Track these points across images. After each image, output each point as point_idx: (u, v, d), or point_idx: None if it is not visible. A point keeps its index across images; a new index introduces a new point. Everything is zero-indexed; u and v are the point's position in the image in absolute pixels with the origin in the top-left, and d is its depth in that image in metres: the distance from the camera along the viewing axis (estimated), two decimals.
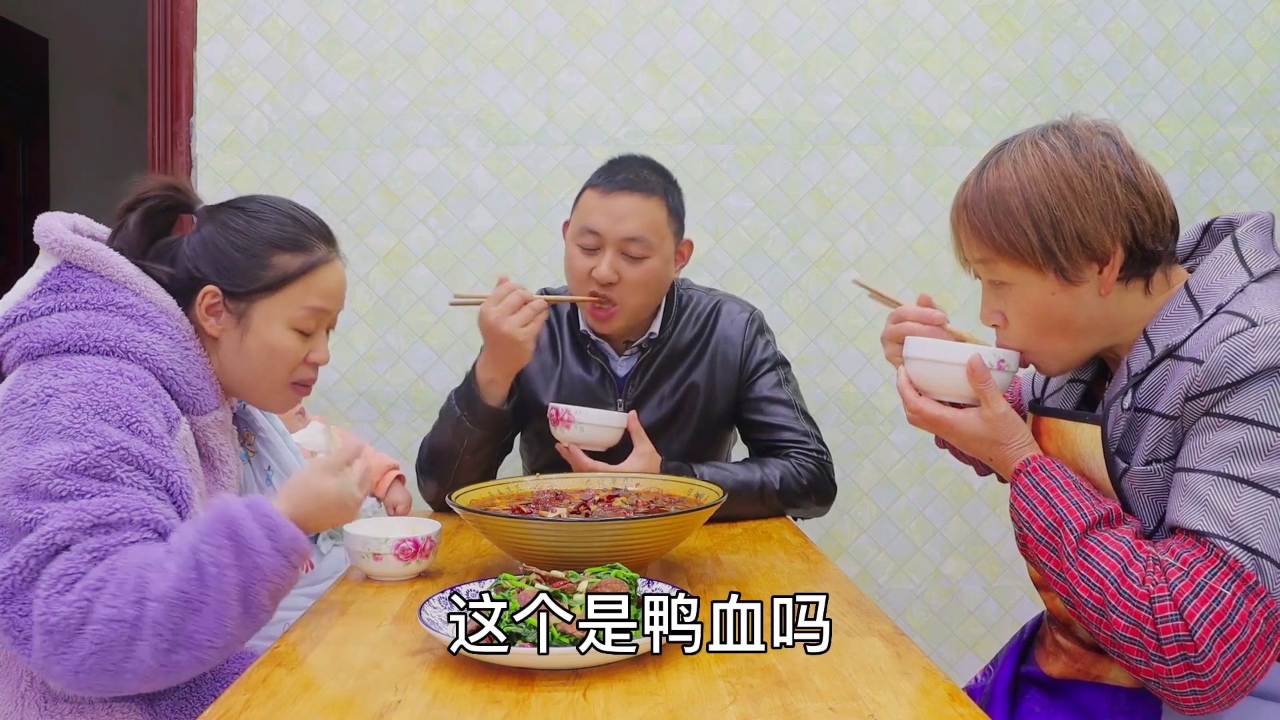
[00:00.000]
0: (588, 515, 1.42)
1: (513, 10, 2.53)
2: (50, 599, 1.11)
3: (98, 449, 1.18)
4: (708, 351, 1.94)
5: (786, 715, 0.94)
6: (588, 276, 1.83)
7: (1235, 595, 1.03)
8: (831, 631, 1.06)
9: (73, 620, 1.10)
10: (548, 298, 1.79)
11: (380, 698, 0.99)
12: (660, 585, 1.22)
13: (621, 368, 1.95)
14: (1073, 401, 1.33)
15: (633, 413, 1.81)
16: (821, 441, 1.93)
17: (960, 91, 2.57)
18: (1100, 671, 1.26)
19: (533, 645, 1.03)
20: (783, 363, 1.99)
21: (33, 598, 1.12)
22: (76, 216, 1.41)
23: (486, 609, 1.08)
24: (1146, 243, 1.17)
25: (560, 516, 1.40)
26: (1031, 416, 1.31)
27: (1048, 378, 1.41)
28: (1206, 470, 1.08)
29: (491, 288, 1.74)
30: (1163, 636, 1.04)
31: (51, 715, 1.23)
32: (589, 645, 1.00)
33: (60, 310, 1.31)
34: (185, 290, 1.39)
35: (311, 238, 1.43)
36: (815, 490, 1.87)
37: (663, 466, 1.79)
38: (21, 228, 4.20)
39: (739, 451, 2.04)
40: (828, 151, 2.56)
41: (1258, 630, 1.03)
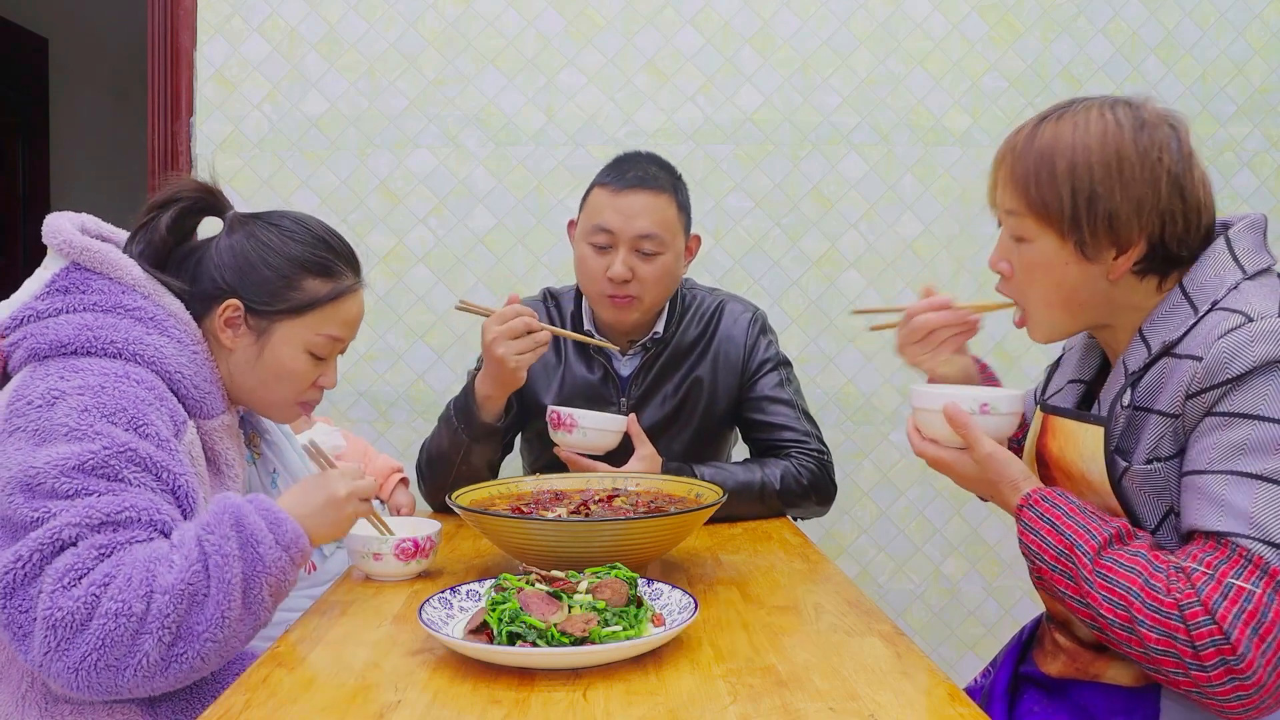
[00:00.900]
0: (588, 515, 1.42)
1: (513, 10, 2.53)
2: (56, 593, 1.11)
3: (105, 449, 1.18)
4: (710, 351, 1.94)
5: (786, 715, 0.94)
6: (602, 275, 1.83)
7: (1265, 592, 1.02)
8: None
9: (78, 615, 1.10)
10: (553, 329, 1.73)
11: (380, 698, 0.99)
12: (660, 585, 1.22)
13: (625, 367, 1.94)
14: (1073, 401, 1.33)
15: (632, 415, 1.80)
16: (822, 441, 1.94)
17: (960, 91, 2.57)
18: (1099, 671, 1.26)
19: (533, 645, 1.03)
20: (785, 363, 1.99)
21: (35, 593, 1.12)
22: (84, 216, 1.40)
23: (487, 609, 1.08)
24: (1171, 245, 1.18)
25: (560, 516, 1.40)
26: (1040, 414, 1.32)
27: (1050, 377, 1.42)
28: (1218, 471, 1.08)
29: (499, 296, 1.72)
30: (1198, 643, 1.02)
31: (53, 716, 1.23)
32: (589, 645, 1.00)
33: (68, 312, 1.30)
34: (204, 298, 1.38)
35: (341, 265, 1.43)
36: (816, 490, 1.88)
37: (663, 467, 1.79)
38: (21, 228, 4.19)
39: (739, 451, 2.04)
40: (828, 151, 2.56)
41: None
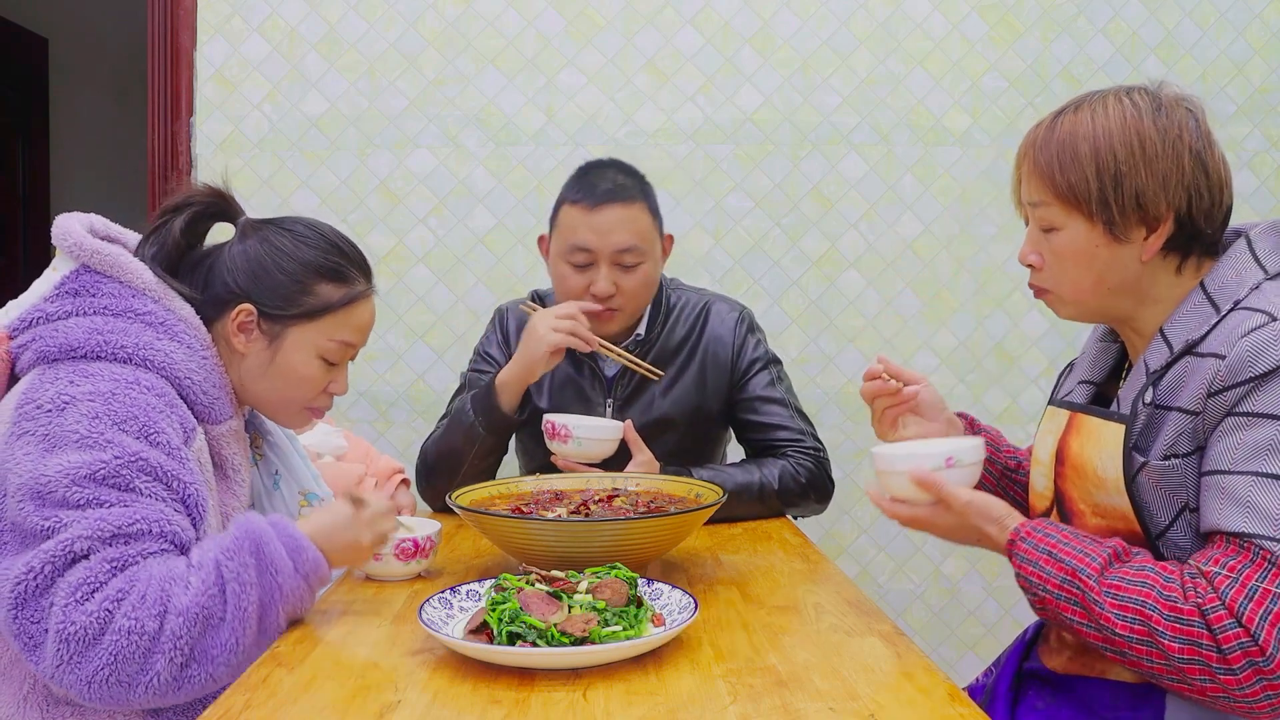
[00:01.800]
0: (588, 515, 1.42)
1: (513, 10, 2.53)
2: (69, 607, 1.10)
3: (117, 459, 1.18)
4: (698, 352, 1.94)
5: (786, 715, 0.94)
6: (584, 293, 1.83)
7: None
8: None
9: (91, 630, 1.10)
10: (601, 343, 1.78)
11: (380, 698, 0.99)
12: (660, 585, 1.22)
13: (610, 367, 1.94)
14: (1084, 401, 1.34)
15: (628, 422, 1.80)
16: (817, 439, 1.93)
17: (960, 91, 2.57)
18: (1104, 666, 1.25)
19: (533, 645, 1.03)
20: (775, 361, 1.98)
21: (47, 605, 1.12)
22: (93, 217, 1.39)
23: (487, 609, 1.08)
24: (1199, 220, 1.19)
25: (560, 516, 1.40)
26: (1066, 413, 1.31)
27: (1064, 377, 1.43)
28: (1242, 471, 1.07)
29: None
30: (1224, 647, 1.02)
31: (54, 718, 1.23)
32: (589, 645, 1.00)
33: (78, 315, 1.29)
34: (217, 303, 1.38)
35: (354, 270, 1.43)
36: (814, 488, 1.88)
37: (661, 470, 1.78)
38: (21, 228, 4.19)
39: (733, 452, 2.04)
40: (828, 151, 2.56)
41: None
